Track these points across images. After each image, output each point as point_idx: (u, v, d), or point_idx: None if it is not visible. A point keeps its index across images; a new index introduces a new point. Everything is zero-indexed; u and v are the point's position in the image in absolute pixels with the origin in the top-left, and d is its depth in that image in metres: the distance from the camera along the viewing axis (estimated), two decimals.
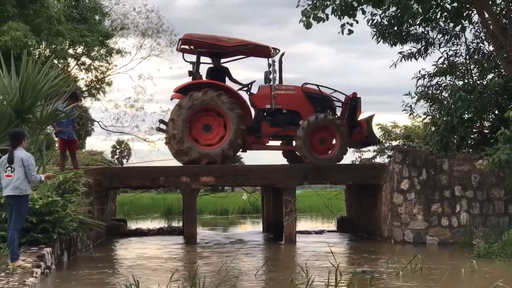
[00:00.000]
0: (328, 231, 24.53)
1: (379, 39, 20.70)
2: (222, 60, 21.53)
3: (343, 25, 17.71)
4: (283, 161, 22.14)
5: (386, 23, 20.40)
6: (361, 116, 21.21)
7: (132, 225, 27.54)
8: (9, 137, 12.07)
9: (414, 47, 21.21)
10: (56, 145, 22.52)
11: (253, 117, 21.05)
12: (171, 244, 20.06)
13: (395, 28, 20.46)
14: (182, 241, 20.37)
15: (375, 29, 20.51)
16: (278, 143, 21.72)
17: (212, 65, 21.19)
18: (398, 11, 18.92)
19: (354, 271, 13.04)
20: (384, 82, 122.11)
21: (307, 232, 23.57)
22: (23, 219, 11.79)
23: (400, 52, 21.32)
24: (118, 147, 72.80)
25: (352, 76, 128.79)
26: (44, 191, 13.66)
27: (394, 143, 26.29)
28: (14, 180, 11.47)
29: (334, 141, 20.59)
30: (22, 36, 26.70)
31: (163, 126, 21.13)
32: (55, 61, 31.07)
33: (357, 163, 25.25)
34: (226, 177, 20.27)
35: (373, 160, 25.47)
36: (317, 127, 20.28)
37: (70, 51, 36.59)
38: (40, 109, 14.89)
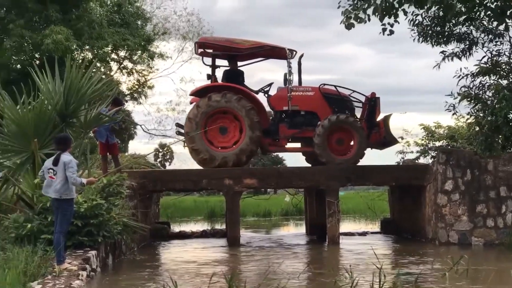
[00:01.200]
0: (372, 233, 24.38)
1: (421, 40, 20.49)
2: (241, 63, 21.65)
3: (384, 26, 17.56)
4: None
5: (428, 23, 20.20)
6: (380, 117, 21.12)
7: (176, 228, 27.65)
8: (57, 141, 12.21)
9: (457, 47, 20.97)
10: None
11: (270, 119, 21.15)
12: (214, 247, 20.09)
13: (438, 28, 20.25)
14: (225, 244, 20.40)
15: (417, 29, 20.31)
16: (297, 144, 21.67)
17: (228, 68, 21.29)
18: (441, 10, 18.72)
19: (397, 273, 12.93)
20: (424, 82, 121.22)
21: (351, 234, 23.45)
22: (68, 223, 11.91)
23: (442, 52, 21.07)
24: (160, 150, 73.11)
25: (392, 76, 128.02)
26: (88, 194, 13.78)
27: (438, 143, 26.08)
28: (56, 183, 11.62)
29: (352, 143, 20.59)
30: (64, 39, 27.02)
31: (181, 130, 21.27)
32: (98, 65, 31.36)
33: (400, 164, 25.08)
34: (269, 179, 20.29)
35: (416, 161, 25.27)
36: (337, 128, 20.32)
37: (113, 55, 36.93)
38: (83, 113, 15.02)
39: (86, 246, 13.24)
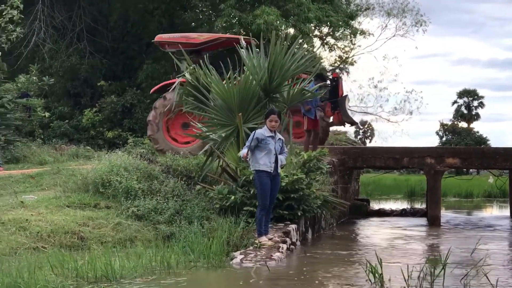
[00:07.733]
0: None
1: None
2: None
3: None
4: None
5: None
6: None
7: (375, 205, 27.54)
8: None
9: None
10: None
11: None
12: (415, 226, 19.82)
13: None
14: (426, 223, 20.09)
15: None
16: None
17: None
18: None
19: None
20: None
21: None
22: (258, 195, 12.01)
23: None
24: (361, 127, 72.99)
25: None
26: (290, 169, 13.95)
27: None
28: None
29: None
30: (274, 21, 27.61)
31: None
32: (301, 41, 31.71)
33: None
34: (472, 159, 19.77)
35: None
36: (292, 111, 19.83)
37: (316, 31, 37.10)
38: (286, 88, 15.21)
39: (286, 219, 13.43)
